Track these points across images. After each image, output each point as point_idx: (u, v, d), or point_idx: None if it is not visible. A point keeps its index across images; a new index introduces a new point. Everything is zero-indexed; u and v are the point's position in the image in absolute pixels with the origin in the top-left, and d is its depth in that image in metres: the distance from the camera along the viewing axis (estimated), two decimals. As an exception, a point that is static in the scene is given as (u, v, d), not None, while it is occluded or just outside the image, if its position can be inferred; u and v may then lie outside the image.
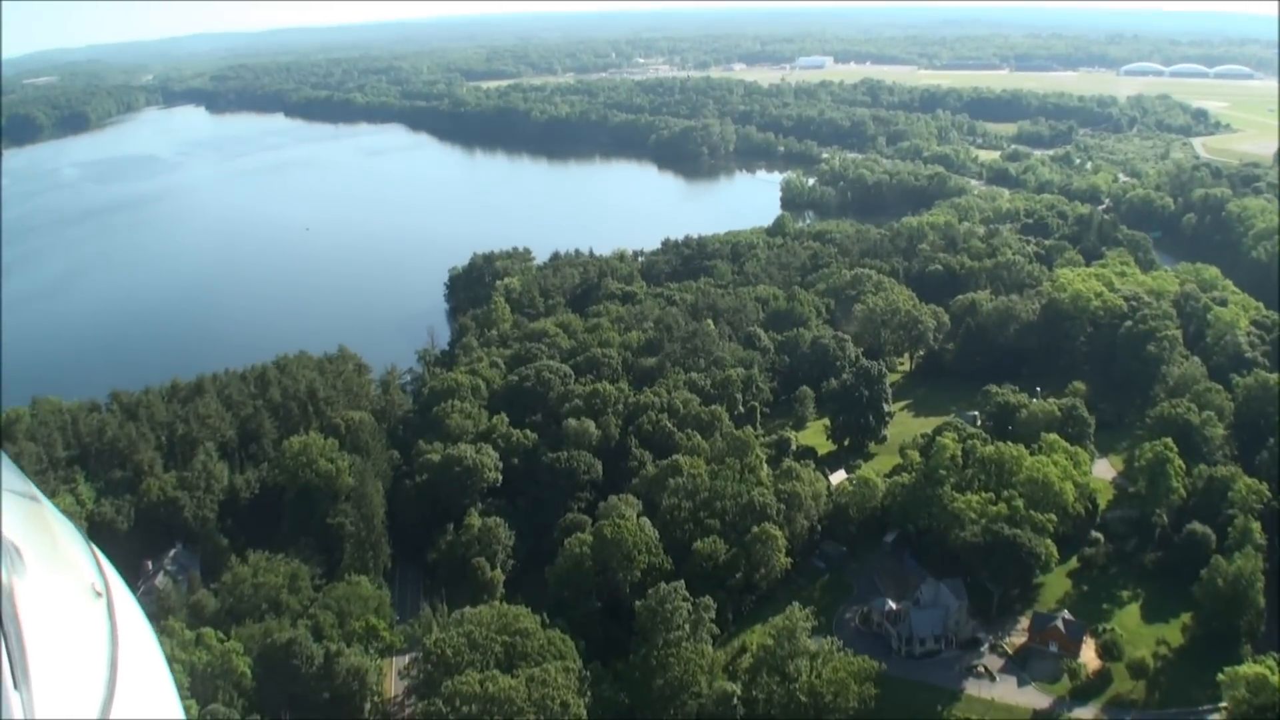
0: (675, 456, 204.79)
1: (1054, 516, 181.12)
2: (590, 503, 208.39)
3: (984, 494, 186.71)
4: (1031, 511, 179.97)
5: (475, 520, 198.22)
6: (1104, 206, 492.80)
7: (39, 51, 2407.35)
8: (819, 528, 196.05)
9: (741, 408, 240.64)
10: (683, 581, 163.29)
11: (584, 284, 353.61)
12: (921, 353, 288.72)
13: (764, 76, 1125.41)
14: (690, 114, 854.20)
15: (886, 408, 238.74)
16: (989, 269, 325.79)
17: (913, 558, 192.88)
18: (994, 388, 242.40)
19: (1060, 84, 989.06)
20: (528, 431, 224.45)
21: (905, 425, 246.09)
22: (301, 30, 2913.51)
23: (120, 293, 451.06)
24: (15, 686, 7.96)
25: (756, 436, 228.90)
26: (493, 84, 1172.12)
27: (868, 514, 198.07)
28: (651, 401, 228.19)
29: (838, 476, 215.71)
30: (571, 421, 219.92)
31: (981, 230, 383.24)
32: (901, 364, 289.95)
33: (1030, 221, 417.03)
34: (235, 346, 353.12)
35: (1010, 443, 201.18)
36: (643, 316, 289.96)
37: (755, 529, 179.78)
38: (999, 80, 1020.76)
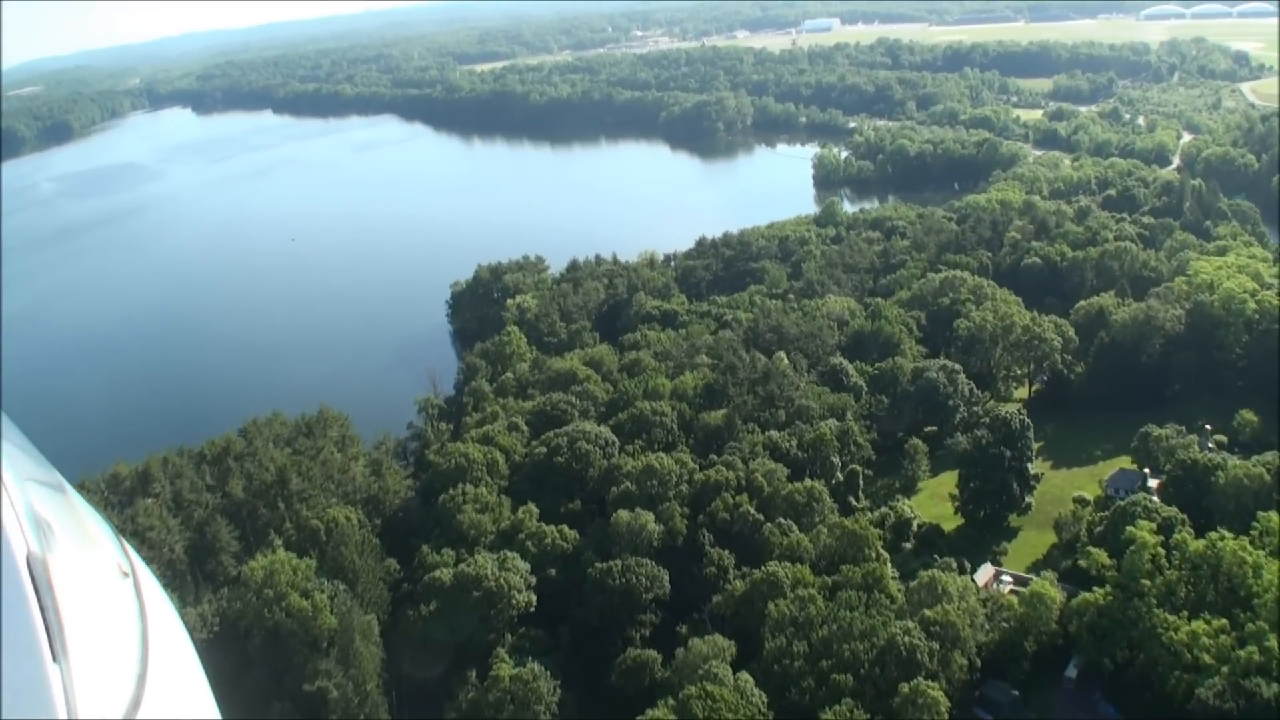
0: (771, 566, 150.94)
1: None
2: (656, 628, 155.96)
3: (1214, 620, 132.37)
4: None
5: (505, 667, 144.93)
6: (1173, 167, 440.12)
7: (27, 62, 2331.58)
8: (979, 662, 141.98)
9: (840, 474, 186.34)
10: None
11: (611, 300, 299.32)
12: (1044, 377, 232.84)
13: (771, 43, 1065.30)
14: (700, 87, 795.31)
15: (1032, 469, 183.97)
16: (1095, 259, 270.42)
17: (1109, 702, 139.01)
18: (1154, 428, 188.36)
19: (1083, 33, 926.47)
20: (564, 528, 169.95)
21: (1045, 482, 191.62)
22: (290, 24, 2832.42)
23: (76, 333, 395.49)
24: (55, 660, 7.82)
25: (863, 510, 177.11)
26: (487, 67, 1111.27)
27: (1044, 640, 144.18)
28: (725, 478, 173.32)
29: (983, 574, 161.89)
30: (622, 514, 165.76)
31: (1071, 210, 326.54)
32: (1018, 391, 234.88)
33: (1112, 193, 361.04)
34: (201, 396, 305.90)
35: (1226, 533, 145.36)
36: (693, 348, 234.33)
37: (905, 688, 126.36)
38: (1019, 33, 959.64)
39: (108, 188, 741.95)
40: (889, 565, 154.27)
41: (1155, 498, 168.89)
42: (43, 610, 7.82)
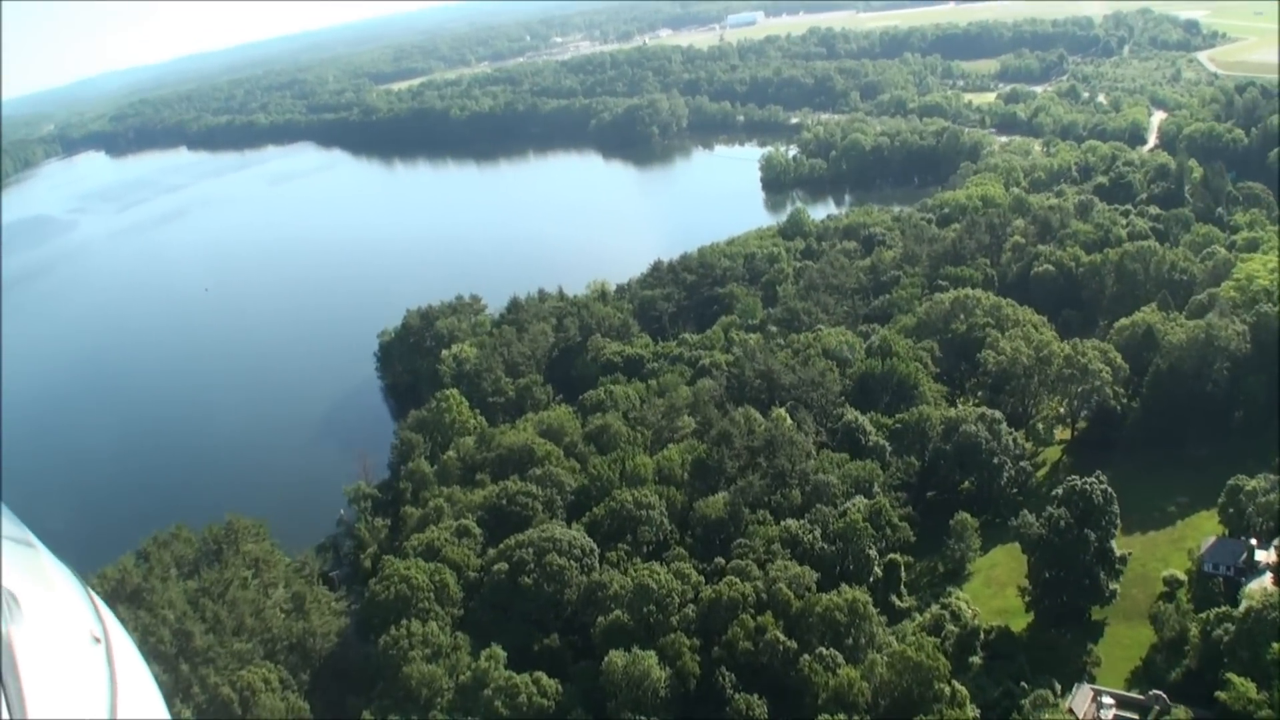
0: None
1: None
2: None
3: None
4: None
5: None
6: (1151, 146, 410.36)
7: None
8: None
9: (878, 569, 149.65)
10: None
11: (561, 344, 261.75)
12: (1087, 414, 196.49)
13: (698, 39, 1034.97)
14: (630, 90, 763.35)
15: (1116, 550, 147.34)
16: (1114, 263, 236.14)
17: None
18: (1244, 480, 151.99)
19: (1018, 11, 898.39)
20: (542, 676, 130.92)
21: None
22: (206, 56, 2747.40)
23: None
24: None
25: (909, 610, 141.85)
26: (404, 84, 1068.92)
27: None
28: (741, 593, 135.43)
29: (1080, 699, 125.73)
30: (616, 657, 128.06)
31: (1071, 205, 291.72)
32: (1060, 432, 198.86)
33: (1104, 181, 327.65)
34: (99, 491, 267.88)
35: None
36: (671, 408, 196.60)
37: None
38: (954, 14, 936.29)
39: (15, 245, 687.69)
40: (969, 706, 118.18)
41: (1270, 578, 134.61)
42: (4, 688, 7.77)
